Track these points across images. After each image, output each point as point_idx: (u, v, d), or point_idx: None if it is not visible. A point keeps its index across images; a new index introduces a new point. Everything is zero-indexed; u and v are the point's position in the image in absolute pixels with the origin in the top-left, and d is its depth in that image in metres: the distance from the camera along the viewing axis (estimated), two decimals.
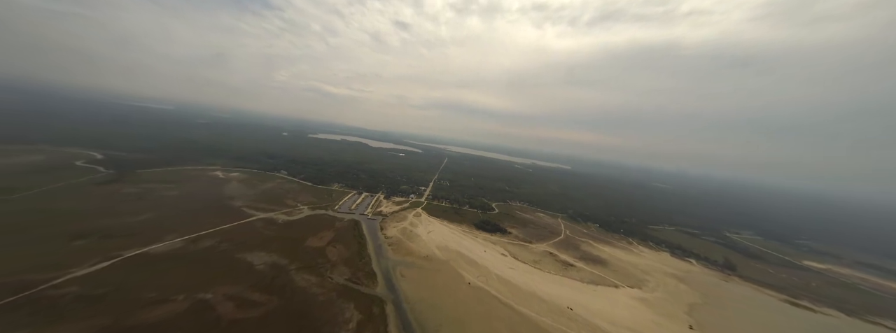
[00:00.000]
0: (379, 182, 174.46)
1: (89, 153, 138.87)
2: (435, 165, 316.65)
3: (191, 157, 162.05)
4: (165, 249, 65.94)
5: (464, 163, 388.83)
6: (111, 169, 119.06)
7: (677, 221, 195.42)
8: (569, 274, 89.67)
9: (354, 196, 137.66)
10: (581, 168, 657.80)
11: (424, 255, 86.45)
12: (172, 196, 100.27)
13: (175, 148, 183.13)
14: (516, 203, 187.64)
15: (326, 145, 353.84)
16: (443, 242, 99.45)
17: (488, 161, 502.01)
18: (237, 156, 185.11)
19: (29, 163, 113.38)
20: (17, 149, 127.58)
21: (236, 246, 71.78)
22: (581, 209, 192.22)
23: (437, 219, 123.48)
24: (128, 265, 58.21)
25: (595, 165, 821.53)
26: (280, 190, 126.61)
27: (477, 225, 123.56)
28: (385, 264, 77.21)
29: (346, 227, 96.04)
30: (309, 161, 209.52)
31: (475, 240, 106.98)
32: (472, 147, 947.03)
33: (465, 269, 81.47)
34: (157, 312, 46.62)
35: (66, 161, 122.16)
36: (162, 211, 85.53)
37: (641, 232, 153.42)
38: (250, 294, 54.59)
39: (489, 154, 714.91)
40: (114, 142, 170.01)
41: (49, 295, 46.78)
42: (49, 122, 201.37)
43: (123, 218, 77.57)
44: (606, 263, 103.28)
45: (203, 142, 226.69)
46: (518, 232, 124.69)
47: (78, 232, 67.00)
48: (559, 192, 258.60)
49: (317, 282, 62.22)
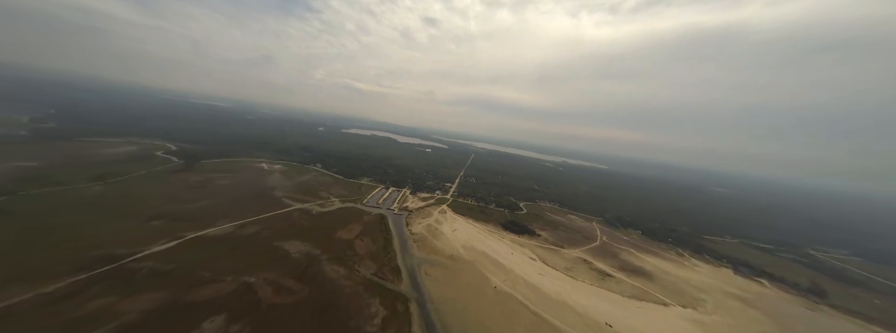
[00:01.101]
0: (406, 177, 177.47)
1: (167, 145, 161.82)
2: (461, 162, 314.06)
3: (241, 150, 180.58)
4: (219, 233, 73.61)
5: (490, 160, 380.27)
6: (182, 159, 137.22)
7: (742, 232, 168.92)
8: (606, 285, 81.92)
9: (382, 190, 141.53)
10: (619, 167, 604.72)
11: (449, 254, 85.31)
12: (225, 185, 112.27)
13: (230, 141, 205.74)
14: (546, 203, 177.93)
15: (357, 140, 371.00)
16: (468, 241, 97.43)
17: (516, 158, 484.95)
18: (279, 149, 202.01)
19: (125, 153, 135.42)
20: (117, 142, 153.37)
21: (276, 234, 77.62)
22: (620, 213, 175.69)
23: (462, 217, 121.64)
24: (189, 245, 65.98)
25: (635, 165, 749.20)
26: (315, 183, 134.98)
27: (504, 225, 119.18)
28: (410, 261, 77.60)
29: (373, 221, 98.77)
30: (341, 155, 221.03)
31: (501, 241, 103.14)
32: (499, 143, 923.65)
33: (490, 272, 78.68)
34: (209, 291, 51.90)
35: (150, 152, 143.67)
36: (217, 198, 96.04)
37: (695, 243, 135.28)
38: (286, 281, 58.32)
39: (517, 151, 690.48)
40: (185, 135, 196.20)
41: (130, 268, 54.67)
42: (140, 119, 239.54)
43: (188, 203, 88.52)
44: (651, 276, 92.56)
45: (252, 136, 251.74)
46: (548, 234, 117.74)
47: (154, 214, 77.83)
48: (594, 193, 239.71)
49: (345, 274, 64.49)
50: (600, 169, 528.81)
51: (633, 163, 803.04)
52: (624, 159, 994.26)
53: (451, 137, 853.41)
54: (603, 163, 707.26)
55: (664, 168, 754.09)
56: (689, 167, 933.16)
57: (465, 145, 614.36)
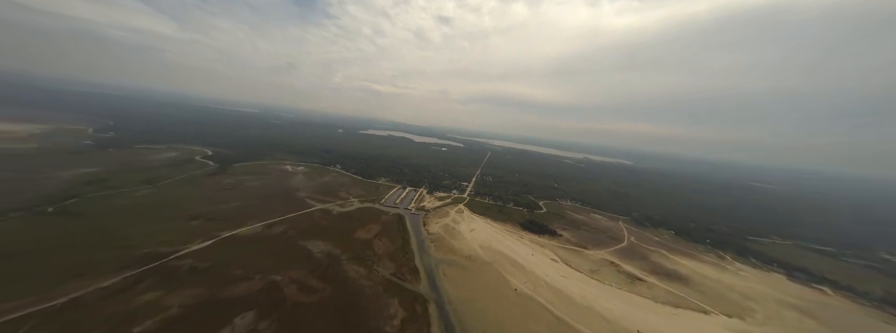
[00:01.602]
0: (422, 176, 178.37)
1: (203, 150, 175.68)
2: (477, 160, 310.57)
3: (268, 153, 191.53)
4: (249, 233, 78.11)
5: (507, 158, 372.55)
6: (216, 163, 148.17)
7: (795, 233, 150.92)
8: (637, 289, 76.38)
9: (399, 190, 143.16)
10: (645, 163, 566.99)
11: (467, 254, 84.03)
12: (254, 186, 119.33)
13: (258, 145, 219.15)
14: (567, 202, 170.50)
15: (374, 141, 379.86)
16: (486, 241, 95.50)
17: (534, 155, 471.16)
18: (302, 152, 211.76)
19: (168, 158, 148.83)
20: (161, 148, 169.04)
21: (300, 234, 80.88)
22: (648, 211, 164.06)
23: (479, 217, 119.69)
24: (223, 244, 70.57)
25: (663, 160, 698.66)
26: (335, 184, 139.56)
27: (523, 224, 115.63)
28: (427, 261, 77.38)
29: (391, 221, 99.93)
30: (359, 156, 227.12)
31: (521, 241, 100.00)
32: (515, 141, 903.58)
33: (510, 273, 76.36)
34: (240, 288, 54.97)
35: (189, 157, 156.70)
36: (247, 199, 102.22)
37: (737, 245, 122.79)
38: (310, 280, 60.36)
39: (535, 148, 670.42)
40: (218, 140, 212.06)
41: (172, 266, 59.43)
42: (181, 127, 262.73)
43: (221, 204, 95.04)
44: (688, 281, 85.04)
45: (277, 139, 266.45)
46: (570, 235, 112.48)
47: (193, 214, 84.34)
48: (619, 191, 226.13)
49: (365, 274, 65.54)
50: (625, 165, 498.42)
51: (661, 158, 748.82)
52: (650, 154, 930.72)
53: (466, 135, 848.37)
54: (627, 158, 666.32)
55: (696, 163, 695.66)
56: (724, 161, 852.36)
57: (481, 143, 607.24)
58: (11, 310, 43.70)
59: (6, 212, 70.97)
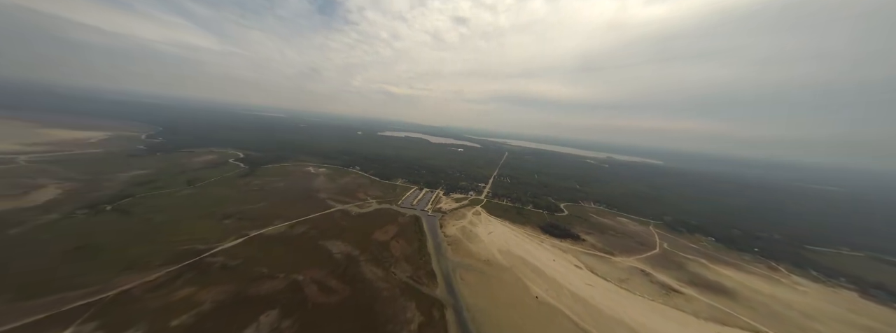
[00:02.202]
0: (439, 178, 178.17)
1: (236, 153, 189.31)
2: (494, 160, 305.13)
3: (293, 155, 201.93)
4: (274, 232, 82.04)
5: (526, 158, 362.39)
6: (247, 165, 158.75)
7: (869, 244, 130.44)
8: (674, 302, 69.63)
9: (416, 191, 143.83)
10: (677, 163, 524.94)
11: (485, 258, 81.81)
12: (280, 187, 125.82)
13: (284, 147, 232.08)
14: (590, 204, 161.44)
15: (392, 142, 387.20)
16: (504, 245, 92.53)
17: (554, 155, 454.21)
18: (324, 154, 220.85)
19: (206, 161, 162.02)
20: (201, 152, 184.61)
21: (321, 234, 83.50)
22: (683, 215, 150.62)
23: (497, 219, 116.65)
24: (252, 243, 74.63)
25: (698, 159, 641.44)
26: (354, 185, 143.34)
27: (543, 228, 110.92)
28: (444, 264, 76.28)
29: (408, 223, 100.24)
30: (377, 157, 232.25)
31: (541, 246, 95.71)
32: (534, 140, 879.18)
33: (530, 279, 73.05)
34: (265, 286, 57.46)
35: (224, 159, 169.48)
36: (273, 199, 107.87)
37: (794, 255, 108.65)
38: (329, 281, 61.73)
39: (555, 148, 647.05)
40: (249, 144, 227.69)
41: (207, 262, 63.69)
42: (218, 131, 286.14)
43: (251, 204, 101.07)
44: (734, 295, 76.20)
45: (301, 142, 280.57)
46: (595, 239, 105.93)
47: (226, 213, 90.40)
48: (648, 193, 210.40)
49: (382, 276, 65.85)
50: (654, 165, 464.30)
51: (695, 158, 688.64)
52: (683, 153, 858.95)
53: (483, 136, 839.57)
54: (657, 157, 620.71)
55: (737, 163, 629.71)
56: (769, 160, 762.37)
57: (498, 143, 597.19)
58: (76, 299, 49.01)
59: (74, 210, 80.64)
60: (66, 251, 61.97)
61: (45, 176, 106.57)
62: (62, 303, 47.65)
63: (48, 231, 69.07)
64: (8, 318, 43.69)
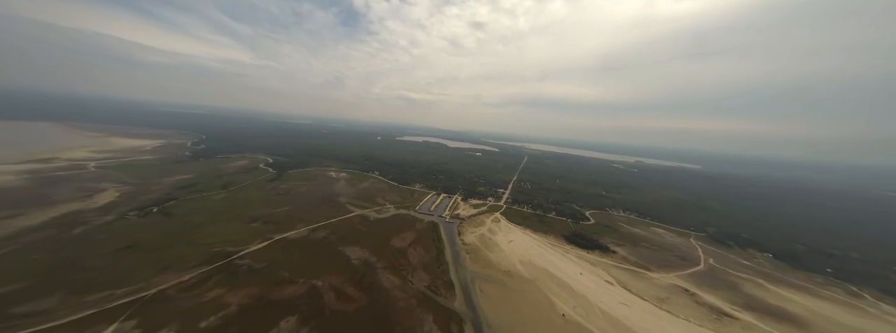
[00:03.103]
0: (456, 183, 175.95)
1: (266, 158, 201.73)
2: (513, 165, 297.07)
3: (316, 160, 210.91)
4: (296, 236, 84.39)
5: (546, 163, 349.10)
6: (275, 170, 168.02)
7: None
8: (728, 329, 60.67)
9: (433, 197, 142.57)
10: (717, 167, 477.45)
11: (505, 269, 77.60)
12: (303, 192, 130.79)
13: (308, 153, 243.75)
14: (619, 212, 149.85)
15: (410, 147, 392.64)
16: (526, 255, 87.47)
17: (576, 159, 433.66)
18: (345, 159, 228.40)
19: (240, 166, 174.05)
20: (236, 157, 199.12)
21: (340, 239, 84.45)
22: (730, 227, 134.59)
23: (517, 227, 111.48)
24: (275, 246, 77.12)
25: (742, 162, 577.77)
26: (373, 190, 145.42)
27: (567, 237, 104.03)
28: (463, 274, 73.28)
29: (425, 229, 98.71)
30: (395, 162, 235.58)
31: (566, 257, 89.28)
32: (554, 144, 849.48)
33: (555, 294, 67.67)
34: (286, 291, 58.34)
35: (255, 164, 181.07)
36: (296, 204, 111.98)
37: (880, 278, 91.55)
38: (347, 288, 61.39)
39: (577, 151, 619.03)
40: (278, 149, 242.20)
41: (235, 264, 66.43)
42: (251, 139, 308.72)
43: (276, 207, 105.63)
44: (805, 324, 65.05)
45: (324, 147, 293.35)
46: (626, 252, 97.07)
47: (255, 217, 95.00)
48: (685, 200, 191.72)
49: (399, 285, 64.37)
50: (691, 169, 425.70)
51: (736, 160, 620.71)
52: (720, 156, 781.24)
53: (501, 139, 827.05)
54: (693, 161, 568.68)
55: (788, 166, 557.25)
56: (831, 163, 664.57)
57: (517, 147, 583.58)
58: (121, 296, 52.85)
59: (127, 212, 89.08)
60: (116, 250, 67.90)
61: (107, 181, 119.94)
62: (109, 300, 51.53)
63: (104, 231, 76.52)
64: (64, 313, 47.90)
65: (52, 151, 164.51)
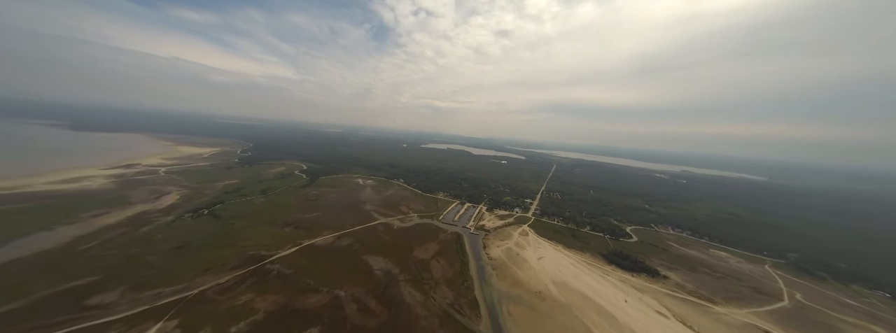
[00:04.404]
0: (481, 192, 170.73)
1: (301, 165, 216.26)
2: (541, 174, 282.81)
3: (345, 167, 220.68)
4: (323, 242, 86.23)
5: (577, 172, 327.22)
6: (309, 176, 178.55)
7: None
8: None
9: (457, 206, 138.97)
10: (786, 178, 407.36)
11: (536, 290, 70.61)
12: (332, 198, 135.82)
13: (339, 160, 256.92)
14: (667, 229, 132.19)
15: (435, 154, 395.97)
16: (559, 275, 79.26)
17: (611, 168, 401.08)
18: (372, 166, 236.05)
19: (278, 172, 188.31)
20: (276, 164, 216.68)
21: (364, 247, 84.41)
22: (819, 253, 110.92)
23: (548, 242, 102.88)
24: (303, 252, 79.23)
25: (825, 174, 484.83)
26: (397, 197, 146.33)
27: (607, 256, 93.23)
28: (489, 293, 67.97)
29: (449, 240, 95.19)
30: (419, 169, 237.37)
31: (606, 280, 79.16)
32: (585, 151, 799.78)
33: (596, 325, 59.28)
34: (311, 300, 58.43)
35: (292, 171, 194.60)
36: (325, 210, 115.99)
37: None
38: (368, 301, 59.80)
39: (611, 159, 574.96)
40: (312, 157, 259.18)
41: (266, 269, 69.00)
42: (290, 146, 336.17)
43: (307, 213, 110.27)
44: None
45: (354, 155, 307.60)
46: (681, 278, 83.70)
47: (287, 221, 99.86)
48: (751, 218, 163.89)
49: (421, 301, 61.24)
50: (753, 181, 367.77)
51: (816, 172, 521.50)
52: (789, 165, 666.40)
53: (527, 147, 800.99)
54: (755, 171, 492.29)
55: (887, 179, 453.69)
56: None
57: (544, 155, 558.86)
58: (168, 295, 57.04)
59: (183, 214, 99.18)
60: (170, 249, 74.85)
61: (172, 185, 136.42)
62: (158, 298, 55.82)
63: (162, 231, 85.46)
64: (122, 307, 52.65)
65: (134, 158, 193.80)
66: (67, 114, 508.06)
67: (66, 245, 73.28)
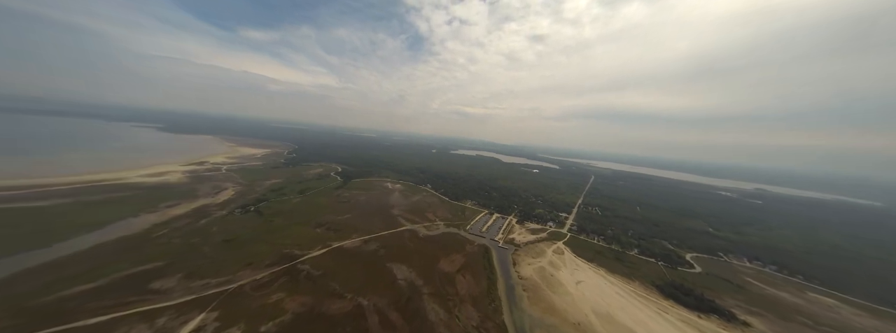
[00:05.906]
0: (511, 202, 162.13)
1: (336, 167, 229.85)
2: (578, 185, 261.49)
3: (377, 171, 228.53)
4: (351, 246, 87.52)
5: (619, 185, 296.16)
6: (342, 178, 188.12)
7: None
8: None
9: (485, 216, 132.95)
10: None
11: (575, 321, 62.00)
12: (362, 201, 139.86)
13: (371, 163, 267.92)
14: (742, 261, 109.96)
15: (464, 161, 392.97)
16: (602, 304, 69.07)
17: (660, 182, 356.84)
18: (401, 170, 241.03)
19: (316, 174, 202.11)
20: (314, 166, 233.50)
21: (389, 253, 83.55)
22: None
23: (587, 263, 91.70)
24: (332, 254, 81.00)
25: None
26: (424, 204, 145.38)
27: (662, 288, 79.61)
28: (520, 318, 61.27)
29: (476, 253, 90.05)
30: (448, 175, 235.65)
31: (662, 318, 66.81)
32: (628, 162, 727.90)
33: None
34: (335, 306, 58.23)
35: (328, 173, 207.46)
36: (355, 213, 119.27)
37: None
38: (390, 312, 57.63)
39: (659, 172, 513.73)
40: (347, 160, 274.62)
41: (297, 269, 71.45)
42: (329, 150, 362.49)
43: (338, 215, 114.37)
44: None
45: (385, 159, 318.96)
46: (767, 327, 67.88)
47: (320, 222, 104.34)
48: (860, 252, 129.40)
49: (444, 320, 57.23)
50: (860, 205, 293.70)
51: None
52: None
53: (561, 155, 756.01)
54: (862, 193, 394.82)
55: None
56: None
57: (581, 164, 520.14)
58: (213, 286, 61.59)
59: (234, 209, 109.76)
60: (222, 241, 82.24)
61: (230, 182, 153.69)
62: (206, 288, 60.52)
63: (216, 224, 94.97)
64: (177, 294, 57.95)
65: (205, 156, 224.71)
66: (164, 118, 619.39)
67: (145, 231, 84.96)
